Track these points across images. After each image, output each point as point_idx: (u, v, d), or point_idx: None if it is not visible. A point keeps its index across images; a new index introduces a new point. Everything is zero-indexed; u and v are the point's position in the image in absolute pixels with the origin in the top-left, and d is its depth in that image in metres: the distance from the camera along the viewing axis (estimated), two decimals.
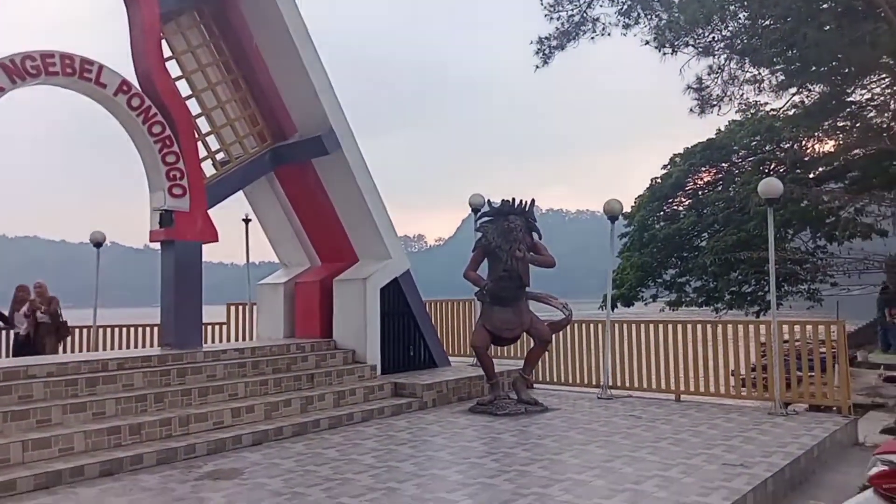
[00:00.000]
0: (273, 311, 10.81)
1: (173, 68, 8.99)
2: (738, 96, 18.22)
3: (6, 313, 11.30)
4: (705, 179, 22.40)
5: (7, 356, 10.96)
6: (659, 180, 22.60)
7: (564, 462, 5.93)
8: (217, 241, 9.08)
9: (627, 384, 9.80)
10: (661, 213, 22.42)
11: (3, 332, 11.22)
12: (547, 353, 9.74)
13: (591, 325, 10.38)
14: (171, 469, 6.00)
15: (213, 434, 6.86)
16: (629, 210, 22.09)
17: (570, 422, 7.78)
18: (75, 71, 7.71)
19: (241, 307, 12.97)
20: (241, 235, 13.06)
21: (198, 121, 9.21)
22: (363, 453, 6.45)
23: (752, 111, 20.82)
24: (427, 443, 6.87)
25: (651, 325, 9.95)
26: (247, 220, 12.59)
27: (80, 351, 11.96)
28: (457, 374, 9.95)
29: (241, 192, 10.14)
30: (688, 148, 22.53)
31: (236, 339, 12.63)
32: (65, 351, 11.39)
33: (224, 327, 13.04)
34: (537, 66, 18.91)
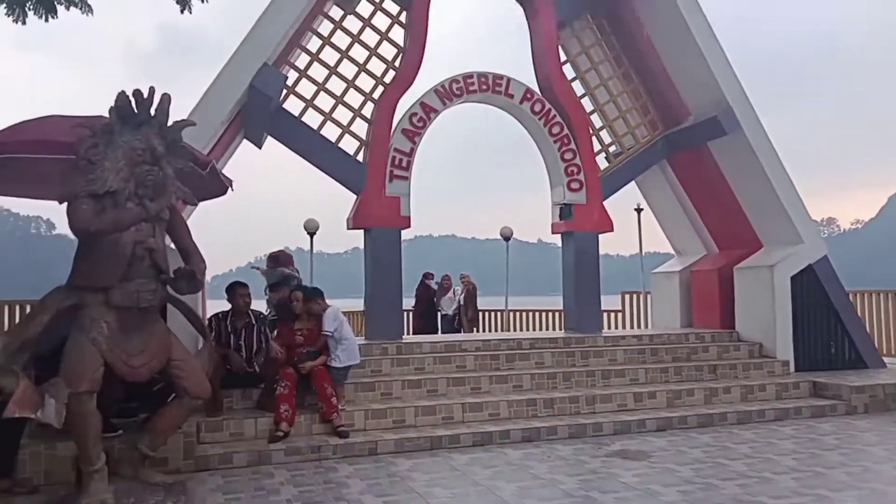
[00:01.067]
0: (668, 299, 10.65)
1: (568, 70, 9.56)
2: None
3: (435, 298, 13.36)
4: None
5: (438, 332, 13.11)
6: None
7: None
8: (612, 230, 9.37)
9: None
10: None
11: (438, 313, 13.36)
12: None
13: None
14: (581, 443, 6.40)
15: (618, 415, 7.09)
16: None
17: None
18: (489, 86, 8.81)
19: (635, 295, 13.12)
20: (631, 225, 13.23)
21: (591, 117, 9.61)
22: (781, 454, 5.89)
23: None
24: (861, 452, 5.93)
25: None
26: (639, 210, 12.69)
27: (496, 331, 13.64)
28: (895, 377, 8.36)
29: (632, 182, 10.24)
30: None
31: (631, 327, 12.81)
32: (478, 330, 13.05)
33: (619, 315, 13.36)
34: None
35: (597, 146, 9.55)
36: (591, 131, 9.44)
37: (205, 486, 5.05)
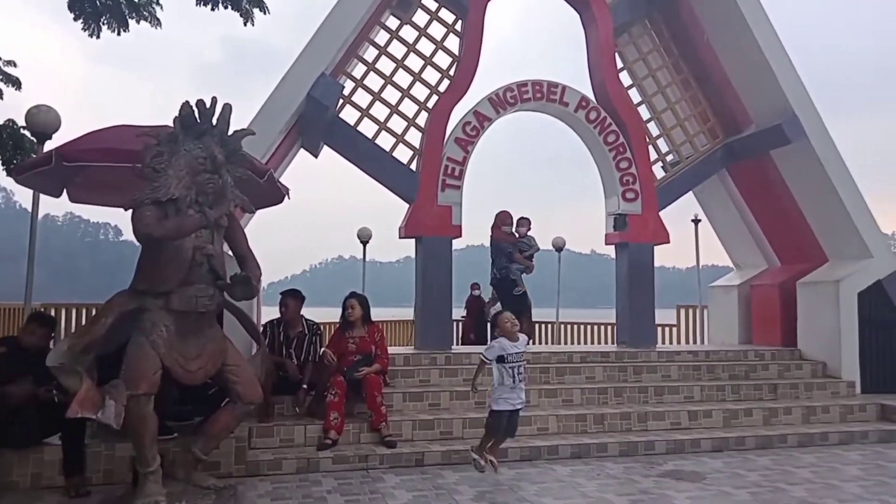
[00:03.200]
0: (726, 314, 10.32)
1: (625, 78, 9.40)
2: None
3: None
4: None
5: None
6: None
7: None
8: (668, 242, 9.14)
9: None
10: None
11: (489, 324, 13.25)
12: None
13: None
14: (632, 462, 6.24)
15: (671, 434, 6.89)
16: None
17: None
18: (544, 95, 8.74)
19: (690, 309, 12.74)
20: (688, 237, 12.88)
21: (649, 125, 9.42)
22: (845, 480, 5.61)
23: None
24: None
25: None
26: (696, 221, 12.34)
27: (547, 343, 13.48)
28: None
29: (690, 193, 9.98)
30: None
31: (686, 342, 12.44)
32: (532, 342, 12.90)
33: (674, 329, 12.99)
34: None
35: (653, 155, 9.36)
36: (647, 140, 9.25)
37: (254, 492, 5.12)
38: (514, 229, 9.43)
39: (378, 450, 6.03)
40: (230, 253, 5.18)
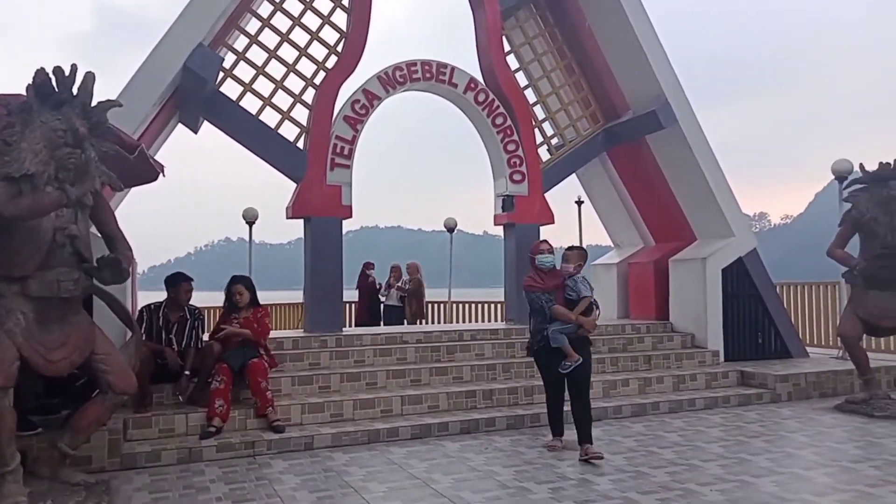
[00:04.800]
0: (607, 291, 10.85)
1: (512, 61, 9.58)
2: None
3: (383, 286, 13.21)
4: None
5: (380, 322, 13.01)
6: None
7: None
8: (553, 223, 9.46)
9: None
10: None
11: (381, 305, 13.20)
12: None
13: None
14: (519, 434, 6.46)
15: None
16: None
17: None
18: (433, 75, 8.74)
19: None
20: (572, 218, 13.44)
21: (535, 108, 9.66)
22: (709, 441, 6.08)
23: None
24: (784, 439, 6.18)
25: None
26: (579, 203, 12.88)
27: (438, 322, 13.64)
28: (817, 366, 8.75)
29: (573, 175, 10.36)
30: None
31: None
32: (424, 322, 13.03)
33: None
34: None
35: (539, 138, 9.62)
36: (533, 123, 9.49)
37: (130, 486, 4.85)
38: (555, 264, 5.94)
39: (266, 435, 5.87)
40: (99, 234, 4.83)
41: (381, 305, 12.87)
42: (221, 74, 7.79)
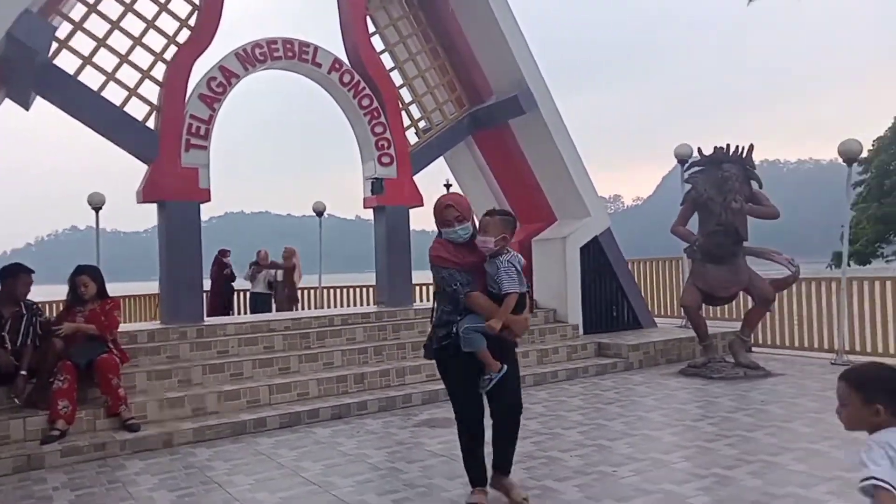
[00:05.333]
0: None
1: (377, 43, 9.47)
2: None
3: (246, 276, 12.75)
4: None
5: (247, 311, 12.58)
6: None
7: (795, 430, 5.39)
8: (422, 205, 9.52)
9: (869, 349, 8.63)
10: None
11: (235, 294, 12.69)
12: (769, 313, 8.90)
13: (823, 283, 9.28)
14: (391, 416, 6.48)
15: (426, 385, 7.26)
16: (865, 155, 19.23)
17: (798, 388, 7.07)
18: (295, 54, 8.45)
19: None
20: None
21: (401, 91, 9.63)
22: (570, 410, 6.43)
23: None
24: (636, 403, 6.67)
25: None
26: (448, 186, 13.05)
27: (309, 308, 13.36)
28: (664, 335, 9.51)
29: (442, 158, 10.47)
30: None
31: None
32: (296, 309, 12.74)
33: (430, 288, 13.70)
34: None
35: (407, 121, 9.62)
36: (400, 105, 9.47)
37: None
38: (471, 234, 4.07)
39: (118, 435, 5.47)
40: None
41: (235, 295, 12.44)
42: (55, 45, 7.06)
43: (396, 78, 9.62)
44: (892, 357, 8.37)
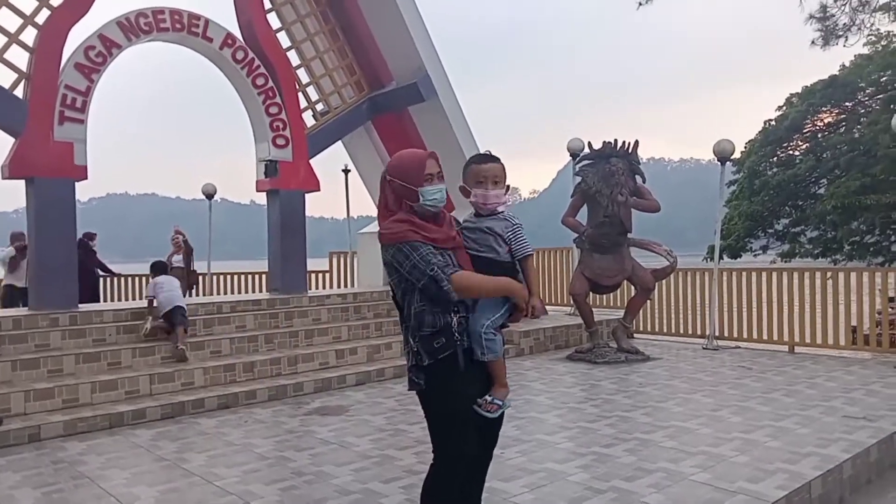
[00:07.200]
0: (372, 259, 11.04)
1: (273, 20, 9.16)
2: (867, 25, 16.41)
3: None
4: (826, 121, 20.53)
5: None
6: (773, 123, 20.94)
7: (668, 410, 5.77)
8: (319, 189, 9.34)
9: (736, 335, 9.36)
10: (775, 158, 20.81)
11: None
12: (649, 301, 9.43)
13: (697, 273, 9.96)
14: (281, 405, 6.34)
15: (319, 374, 7.17)
16: (738, 156, 20.71)
17: (673, 371, 7.56)
18: (184, 26, 8.01)
19: (342, 256, 13.37)
20: (339, 187, 13.38)
21: (298, 72, 9.38)
22: None
23: (884, 43, 18.82)
24: (525, 388, 6.88)
25: (764, 274, 9.42)
26: (346, 171, 12.85)
27: (197, 295, 12.79)
28: (554, 322, 9.86)
29: (340, 143, 10.31)
30: (807, 87, 20.71)
31: (338, 286, 13.07)
32: (190, 296, 12.17)
33: (326, 275, 13.52)
34: (640, 4, 17.79)
35: (304, 103, 9.38)
36: (297, 86, 9.22)
37: None
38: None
39: None
40: None
41: (100, 279, 11.76)
42: None
43: (294, 58, 9.35)
44: (755, 342, 9.13)
